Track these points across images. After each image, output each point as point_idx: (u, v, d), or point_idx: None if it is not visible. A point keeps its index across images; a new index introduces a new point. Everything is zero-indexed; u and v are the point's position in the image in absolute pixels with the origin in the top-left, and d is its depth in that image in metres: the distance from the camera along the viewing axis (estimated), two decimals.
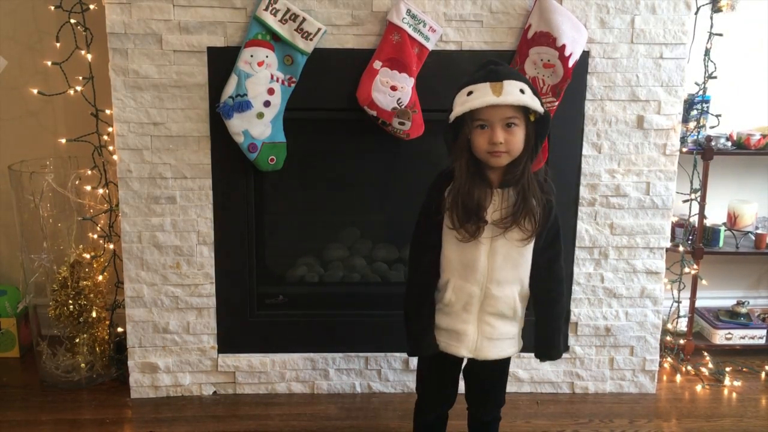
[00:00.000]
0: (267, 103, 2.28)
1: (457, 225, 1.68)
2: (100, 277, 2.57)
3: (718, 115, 2.67)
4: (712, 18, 2.56)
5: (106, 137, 2.52)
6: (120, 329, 2.63)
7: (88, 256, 2.54)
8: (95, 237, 2.58)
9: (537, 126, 1.66)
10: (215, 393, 2.55)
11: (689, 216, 2.76)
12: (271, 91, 2.28)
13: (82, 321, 2.53)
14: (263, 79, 2.25)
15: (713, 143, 2.63)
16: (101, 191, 2.54)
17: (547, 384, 2.59)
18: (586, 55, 2.32)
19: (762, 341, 2.82)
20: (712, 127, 2.70)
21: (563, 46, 2.22)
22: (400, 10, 2.22)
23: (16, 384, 2.61)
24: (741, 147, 2.70)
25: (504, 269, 1.73)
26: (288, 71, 2.28)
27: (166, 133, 2.33)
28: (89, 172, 2.51)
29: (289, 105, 2.31)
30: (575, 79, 2.30)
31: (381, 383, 2.57)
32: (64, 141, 2.57)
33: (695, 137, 2.68)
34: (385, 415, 2.43)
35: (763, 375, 2.74)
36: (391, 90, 2.27)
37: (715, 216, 2.86)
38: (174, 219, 2.40)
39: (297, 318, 2.54)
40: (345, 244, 2.74)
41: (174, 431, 2.32)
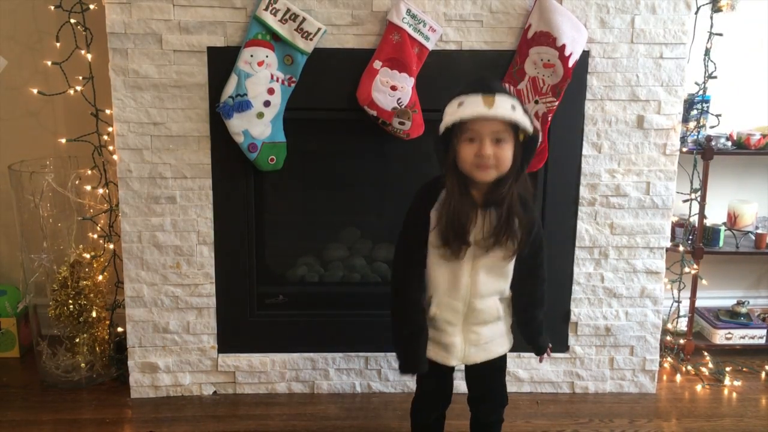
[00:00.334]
0: (267, 103, 2.28)
1: (441, 243, 1.68)
2: (100, 277, 2.57)
3: (718, 115, 2.67)
4: (712, 18, 2.56)
5: (106, 137, 2.52)
6: (120, 329, 2.63)
7: (88, 256, 2.54)
8: (95, 237, 2.58)
9: (524, 147, 1.64)
10: (215, 393, 2.55)
11: (689, 216, 2.76)
12: (271, 91, 2.28)
13: (82, 321, 2.53)
14: (263, 79, 2.25)
15: (713, 143, 2.63)
16: (101, 191, 2.54)
17: (547, 384, 2.59)
18: (586, 55, 2.32)
19: (762, 341, 2.82)
20: (712, 127, 2.70)
21: (563, 45, 2.22)
22: (400, 10, 2.22)
23: (16, 384, 2.61)
24: (741, 147, 2.71)
25: (486, 284, 1.75)
26: (288, 71, 2.28)
27: (166, 133, 2.33)
28: (89, 172, 2.52)
29: (289, 105, 2.32)
30: (575, 79, 2.30)
31: (381, 383, 2.57)
32: (64, 141, 2.57)
33: (695, 137, 2.68)
34: (385, 415, 2.43)
35: (763, 375, 2.74)
36: (391, 90, 2.27)
37: (715, 216, 2.86)
38: (174, 219, 2.40)
39: (297, 318, 2.54)
40: (345, 244, 2.74)
41: (174, 431, 2.32)
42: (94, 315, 2.54)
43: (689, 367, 2.75)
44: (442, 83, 2.32)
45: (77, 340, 2.56)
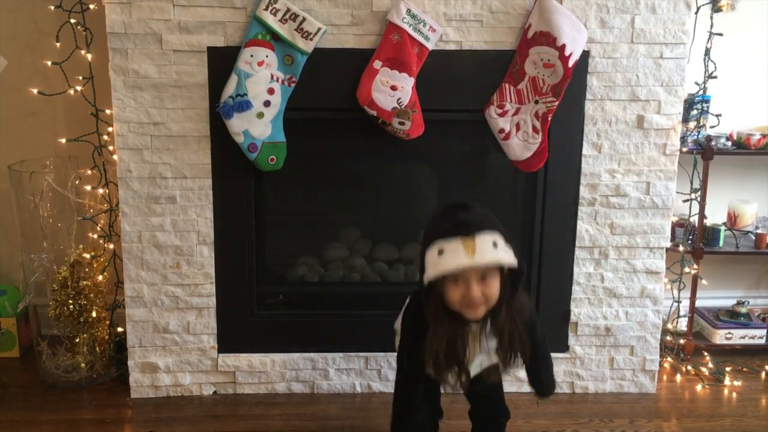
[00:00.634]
0: (267, 103, 2.28)
1: (436, 374, 1.67)
2: (100, 277, 2.57)
3: (718, 115, 2.67)
4: (712, 18, 2.56)
5: (106, 137, 2.52)
6: (120, 329, 2.63)
7: (88, 256, 2.54)
8: (95, 237, 2.58)
9: (511, 274, 1.62)
10: (215, 393, 2.55)
11: (689, 216, 2.76)
12: (271, 91, 2.28)
13: (82, 321, 2.53)
14: (263, 79, 2.25)
15: (713, 143, 2.63)
16: (101, 191, 2.54)
17: None
18: (586, 55, 2.32)
19: (762, 341, 2.82)
20: (712, 127, 2.70)
21: (563, 45, 2.22)
22: (400, 9, 2.22)
23: (16, 384, 2.60)
24: (741, 147, 2.70)
25: (489, 375, 1.78)
26: (288, 71, 2.28)
27: (166, 133, 2.33)
28: (89, 172, 2.51)
29: (289, 105, 2.31)
30: (575, 79, 2.29)
31: (381, 383, 2.57)
32: (64, 141, 2.57)
33: (695, 137, 2.68)
34: (385, 415, 2.41)
35: (763, 375, 2.74)
36: (391, 90, 2.27)
37: (715, 216, 2.86)
38: (174, 219, 2.40)
39: (297, 318, 2.54)
40: (345, 244, 2.74)
41: (174, 431, 2.32)
42: (94, 315, 2.54)
43: (689, 367, 2.75)
44: (442, 83, 2.32)
45: (77, 340, 2.56)
